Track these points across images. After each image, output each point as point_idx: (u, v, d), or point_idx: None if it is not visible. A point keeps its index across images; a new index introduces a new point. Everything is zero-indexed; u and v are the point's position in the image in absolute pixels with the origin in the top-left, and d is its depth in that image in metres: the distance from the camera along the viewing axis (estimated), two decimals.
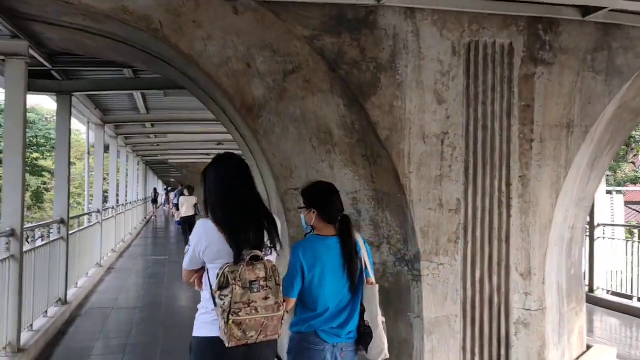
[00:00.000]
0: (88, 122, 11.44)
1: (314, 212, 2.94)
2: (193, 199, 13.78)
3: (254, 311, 2.41)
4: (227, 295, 2.38)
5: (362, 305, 2.90)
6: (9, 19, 4.83)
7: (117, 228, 14.56)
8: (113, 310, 7.96)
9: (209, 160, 2.83)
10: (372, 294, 2.88)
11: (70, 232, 8.15)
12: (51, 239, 7.47)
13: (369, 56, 4.11)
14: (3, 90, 5.70)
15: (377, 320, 2.86)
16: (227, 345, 2.40)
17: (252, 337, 2.42)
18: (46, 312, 6.85)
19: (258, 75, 4.28)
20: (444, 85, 4.18)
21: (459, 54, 4.19)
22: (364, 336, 2.88)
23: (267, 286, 2.45)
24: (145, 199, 28.56)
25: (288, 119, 4.39)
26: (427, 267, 4.18)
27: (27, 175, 41.62)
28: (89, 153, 12.32)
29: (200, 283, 2.65)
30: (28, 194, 43.14)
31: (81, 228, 10.13)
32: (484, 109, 4.23)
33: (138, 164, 23.18)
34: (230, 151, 2.85)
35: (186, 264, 2.64)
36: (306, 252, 2.86)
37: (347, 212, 4.41)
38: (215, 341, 2.47)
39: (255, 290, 2.42)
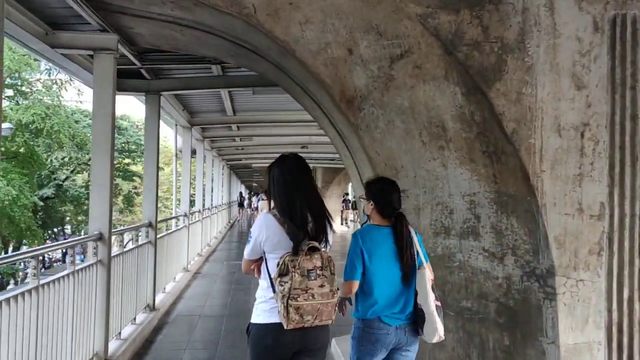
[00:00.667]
0: (176, 125, 11.43)
1: (372, 205, 3.25)
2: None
3: (310, 297, 2.61)
4: (287, 282, 2.59)
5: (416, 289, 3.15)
6: (97, 12, 4.63)
7: (203, 232, 14.58)
8: (200, 318, 7.73)
9: None
10: (422, 279, 3.12)
11: (158, 236, 8.00)
12: (139, 243, 7.30)
13: (493, 35, 3.52)
14: (90, 91, 5.50)
15: (429, 303, 3.08)
16: (285, 327, 2.60)
17: (308, 320, 2.62)
18: (134, 319, 6.69)
19: (361, 63, 3.80)
20: (584, 67, 3.50)
21: (602, 30, 3.50)
22: (418, 318, 3.11)
23: (323, 275, 2.65)
24: (230, 202, 28.91)
25: (394, 111, 3.89)
26: (564, 284, 3.51)
27: (120, 180, 43.75)
28: (176, 155, 12.36)
29: (259, 272, 2.84)
30: (120, 198, 45.27)
31: (169, 231, 10.06)
32: (632, 94, 3.52)
33: (222, 168, 23.40)
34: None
35: (247, 254, 2.84)
36: (365, 238, 3.15)
37: (464, 216, 3.85)
38: (272, 327, 2.68)
39: (313, 278, 2.62)
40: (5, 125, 18.33)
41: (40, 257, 4.65)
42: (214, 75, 7.51)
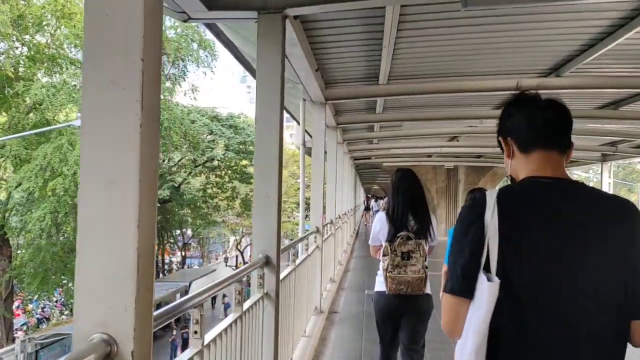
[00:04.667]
0: (303, 100, 7.91)
1: None
2: None
3: (402, 272, 3.86)
4: (387, 260, 3.91)
5: None
6: None
7: (335, 248, 11.00)
8: None
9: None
10: None
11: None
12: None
13: None
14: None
15: None
16: (387, 292, 3.95)
17: (402, 289, 3.88)
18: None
19: None
20: None
21: None
22: None
23: (413, 256, 3.88)
24: (355, 208, 25.31)
25: None
26: None
27: (237, 182, 41.91)
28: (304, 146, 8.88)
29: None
30: (237, 202, 43.53)
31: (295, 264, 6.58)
32: None
33: (351, 167, 19.81)
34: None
35: (370, 241, 4.32)
36: None
37: None
38: (381, 293, 4.05)
39: (406, 258, 3.88)
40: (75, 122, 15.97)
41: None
42: None
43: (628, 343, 1.52)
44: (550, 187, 1.57)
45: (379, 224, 4.15)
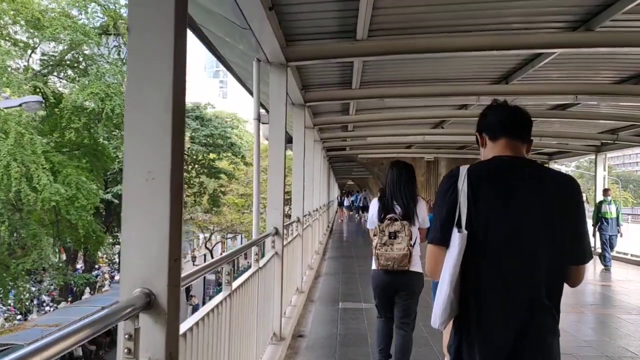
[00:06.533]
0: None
1: None
2: None
3: (389, 249, 4.34)
4: (376, 239, 4.41)
5: None
6: None
7: (303, 249, 9.18)
8: None
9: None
10: None
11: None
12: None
13: None
14: None
15: None
16: (376, 268, 4.48)
17: (388, 265, 4.35)
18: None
19: None
20: None
21: None
22: None
23: (399, 236, 4.33)
24: (328, 203, 23.44)
25: None
26: None
27: (205, 177, 39.67)
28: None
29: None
30: (205, 198, 41.24)
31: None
32: None
33: (323, 159, 17.92)
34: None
35: (368, 225, 4.74)
36: None
37: None
38: (375, 270, 4.52)
39: (393, 237, 4.34)
40: (31, 97, 13.80)
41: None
42: None
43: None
44: (510, 163, 2.06)
45: (373, 208, 4.65)
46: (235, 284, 3.61)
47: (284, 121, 5.93)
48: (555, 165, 22.18)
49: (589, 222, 13.24)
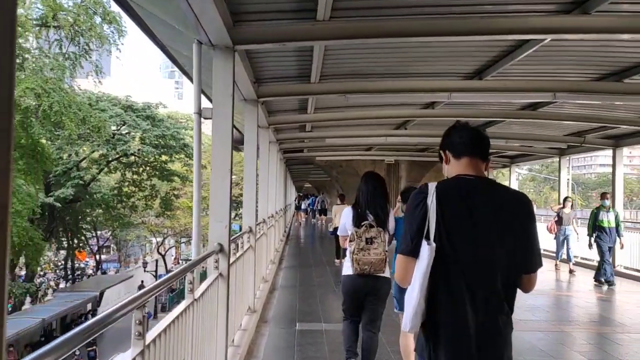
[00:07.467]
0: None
1: None
2: (344, 207, 7.72)
3: (367, 254, 4.54)
4: (353, 245, 4.58)
5: None
6: None
7: (257, 259, 8.20)
8: None
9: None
10: None
11: None
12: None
13: None
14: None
15: None
16: (352, 273, 4.63)
17: (365, 269, 4.56)
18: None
19: None
20: None
21: None
22: None
23: (375, 241, 4.55)
24: (285, 207, 22.45)
25: None
26: None
27: (157, 180, 38.04)
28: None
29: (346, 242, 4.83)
30: (157, 201, 39.58)
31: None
32: None
33: (279, 161, 16.91)
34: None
35: (339, 232, 5.03)
36: None
37: None
38: (349, 276, 4.71)
39: (369, 243, 4.55)
40: None
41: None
42: None
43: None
44: (473, 182, 2.27)
45: (345, 217, 4.87)
46: (152, 333, 2.62)
47: (230, 115, 4.94)
48: (515, 169, 21.83)
49: (584, 232, 11.95)
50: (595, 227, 11.29)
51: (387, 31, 5.03)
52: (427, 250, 2.13)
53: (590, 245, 11.46)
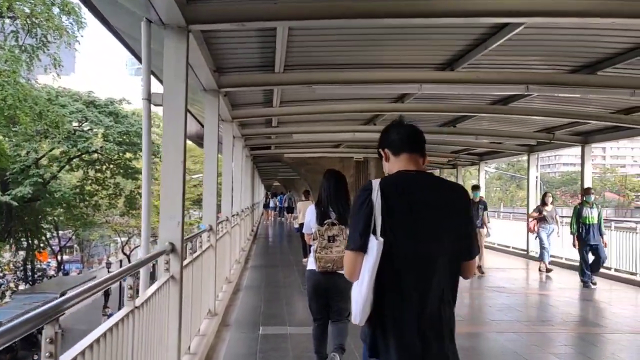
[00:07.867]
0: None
1: None
2: (309, 204, 7.52)
3: (329, 252, 4.62)
4: (316, 243, 4.67)
5: None
6: None
7: (219, 260, 7.74)
8: None
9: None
10: None
11: None
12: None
13: None
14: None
15: None
16: (316, 270, 4.73)
17: (328, 266, 4.65)
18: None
19: None
20: None
21: None
22: None
23: (337, 239, 4.62)
24: (253, 206, 21.93)
25: None
26: None
27: (121, 178, 37.01)
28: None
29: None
30: (121, 200, 38.53)
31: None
32: None
33: (245, 157, 16.41)
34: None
35: (304, 230, 5.19)
36: None
37: None
38: (312, 271, 4.85)
39: (331, 241, 4.62)
40: None
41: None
42: None
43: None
44: (414, 177, 2.36)
45: (310, 214, 5.00)
46: (71, 353, 2.18)
47: (182, 102, 4.50)
48: (484, 167, 21.77)
49: (567, 230, 11.47)
50: (579, 224, 10.78)
51: (356, 11, 4.65)
52: (375, 245, 2.18)
53: (574, 244, 11.02)
